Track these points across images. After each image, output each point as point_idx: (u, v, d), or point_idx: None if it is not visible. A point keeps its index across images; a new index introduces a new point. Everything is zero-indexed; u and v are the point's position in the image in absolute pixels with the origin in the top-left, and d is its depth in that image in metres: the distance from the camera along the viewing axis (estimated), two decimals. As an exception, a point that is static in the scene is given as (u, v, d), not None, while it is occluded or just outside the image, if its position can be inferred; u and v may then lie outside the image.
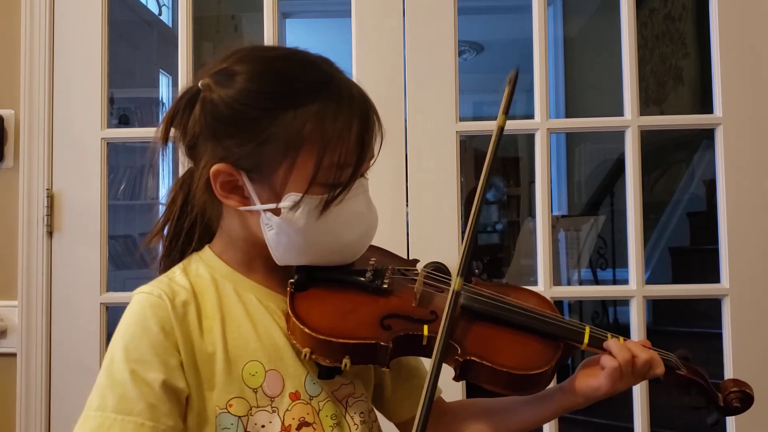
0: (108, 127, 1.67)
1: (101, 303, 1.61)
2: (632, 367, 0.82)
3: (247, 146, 0.76)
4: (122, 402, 0.72)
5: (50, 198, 1.62)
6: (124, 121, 3.09)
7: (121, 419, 0.71)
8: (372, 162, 0.83)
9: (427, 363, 0.78)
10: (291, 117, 0.75)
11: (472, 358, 0.78)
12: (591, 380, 0.84)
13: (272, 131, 0.76)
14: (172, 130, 0.81)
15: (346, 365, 0.76)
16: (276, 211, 0.78)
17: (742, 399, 0.89)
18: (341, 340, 0.76)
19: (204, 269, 0.84)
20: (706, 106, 1.88)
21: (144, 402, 0.72)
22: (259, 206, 0.78)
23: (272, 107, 0.76)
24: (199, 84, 0.79)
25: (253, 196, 0.78)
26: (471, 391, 1.48)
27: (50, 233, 1.62)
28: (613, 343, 0.84)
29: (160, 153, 0.83)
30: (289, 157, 0.76)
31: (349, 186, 0.78)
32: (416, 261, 0.93)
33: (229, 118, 0.76)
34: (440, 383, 0.77)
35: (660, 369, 0.84)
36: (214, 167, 0.77)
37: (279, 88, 0.77)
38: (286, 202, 0.77)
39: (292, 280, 0.81)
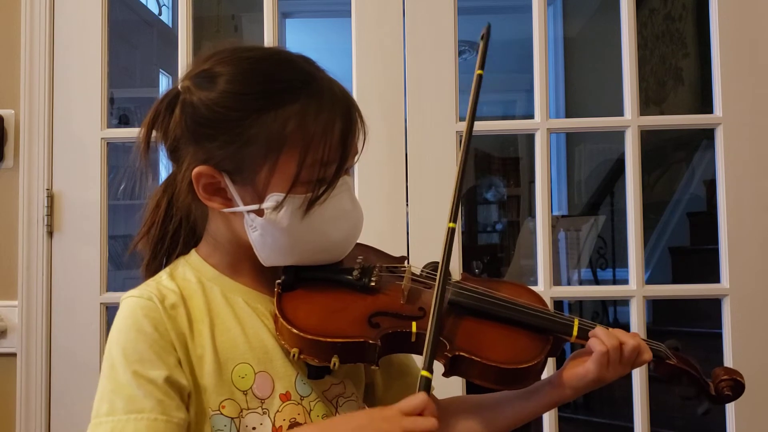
0: (108, 127, 1.67)
1: (101, 303, 1.61)
2: (620, 353, 0.82)
3: (229, 148, 0.76)
4: (131, 402, 0.72)
5: (50, 198, 1.62)
6: (124, 121, 3.08)
7: (134, 418, 0.71)
8: (356, 159, 0.83)
9: (417, 360, 0.78)
10: (272, 117, 0.75)
11: (461, 353, 0.79)
12: (578, 368, 0.84)
13: (253, 132, 0.75)
14: (155, 132, 0.81)
15: (334, 364, 0.75)
16: (259, 212, 0.78)
17: (734, 387, 0.89)
18: (329, 340, 0.76)
19: (191, 273, 0.84)
20: (706, 106, 1.88)
21: (153, 399, 0.72)
22: (242, 207, 0.78)
23: (253, 108, 0.76)
24: (179, 86, 0.79)
25: (235, 197, 0.78)
26: (470, 388, 1.48)
27: (50, 233, 1.62)
28: (600, 330, 0.84)
29: (146, 154, 0.82)
30: (271, 157, 0.76)
31: (333, 184, 0.78)
32: (404, 258, 0.93)
33: (209, 121, 0.76)
34: (433, 380, 0.77)
35: (647, 355, 0.85)
36: (196, 170, 0.77)
37: (259, 89, 0.77)
38: (268, 203, 0.77)
39: (279, 281, 0.81)
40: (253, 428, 0.78)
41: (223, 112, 0.76)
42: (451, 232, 0.79)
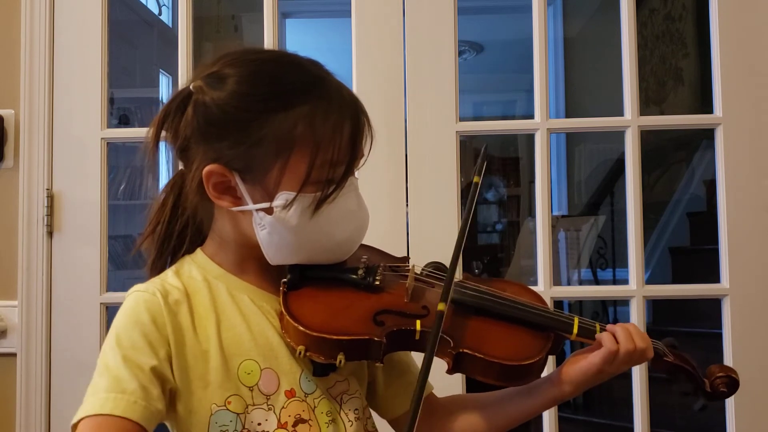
0: (108, 127, 1.67)
1: (101, 303, 1.61)
2: (630, 357, 0.84)
3: (240, 148, 0.77)
4: (115, 382, 0.73)
5: (50, 198, 1.62)
6: (124, 121, 3.08)
7: (114, 396, 0.72)
8: (363, 161, 0.84)
9: (419, 357, 0.79)
10: (282, 118, 0.77)
11: (465, 350, 0.80)
12: (581, 362, 0.85)
13: (264, 133, 0.77)
14: (163, 132, 0.82)
15: (340, 362, 0.77)
16: (269, 211, 0.79)
17: (728, 384, 0.90)
18: (335, 337, 0.77)
19: (196, 271, 0.85)
20: (706, 106, 1.88)
21: (137, 382, 0.73)
22: (251, 206, 0.79)
23: (263, 109, 0.77)
24: (191, 87, 0.80)
25: (245, 196, 0.79)
26: (470, 386, 1.49)
27: (50, 233, 1.62)
28: (620, 329, 0.85)
29: (155, 154, 0.83)
30: (282, 157, 0.77)
31: (342, 184, 0.79)
32: (407, 258, 0.94)
33: (221, 120, 0.77)
34: (435, 377, 0.78)
35: (650, 353, 0.87)
36: (207, 168, 0.78)
37: (269, 90, 0.78)
38: (278, 201, 0.78)
39: (284, 280, 0.82)
40: (259, 424, 0.79)
41: (234, 112, 0.77)
42: (440, 316, 0.77)
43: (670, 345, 0.91)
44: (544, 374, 0.87)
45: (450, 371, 0.81)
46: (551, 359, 1.35)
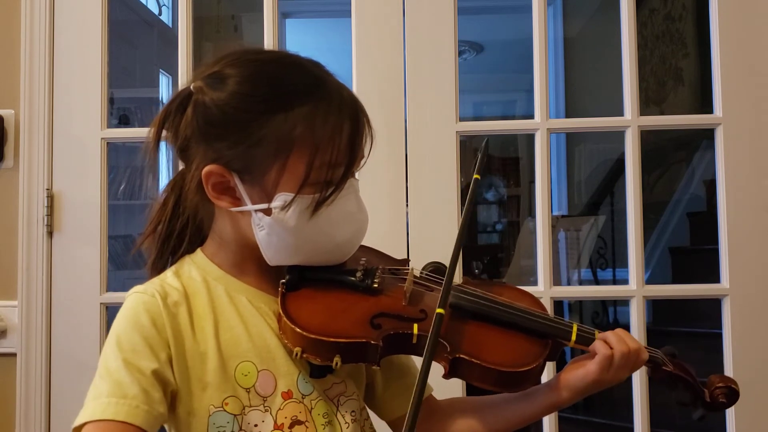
0: (108, 127, 1.67)
1: (101, 303, 1.61)
2: (625, 359, 0.84)
3: (239, 148, 0.77)
4: (116, 387, 0.73)
5: (50, 198, 1.62)
6: (124, 121, 3.08)
7: (116, 402, 0.72)
8: (363, 162, 0.84)
9: (417, 361, 0.79)
10: (282, 119, 0.76)
11: (462, 356, 0.79)
12: (578, 369, 0.85)
13: (264, 133, 0.77)
14: (164, 132, 0.82)
15: (336, 364, 0.77)
16: (267, 212, 0.79)
17: (728, 394, 0.90)
18: (332, 339, 0.77)
19: (196, 272, 0.85)
20: (706, 106, 1.88)
21: (138, 387, 0.73)
22: (250, 206, 0.79)
23: (263, 110, 0.77)
24: (191, 87, 0.80)
25: (244, 196, 0.79)
26: (470, 390, 1.49)
27: (50, 233, 1.62)
28: (611, 334, 0.86)
29: (155, 153, 0.83)
30: (281, 158, 0.77)
31: (341, 186, 0.79)
32: (407, 260, 0.94)
33: (220, 121, 0.77)
34: (433, 380, 0.77)
35: (645, 355, 0.87)
36: (206, 168, 0.78)
37: (269, 91, 0.78)
38: (277, 202, 0.78)
39: (283, 281, 0.82)
40: (255, 425, 0.79)
41: (233, 113, 0.77)
42: (438, 318, 0.78)
43: (670, 354, 0.91)
44: (543, 379, 0.87)
45: (446, 376, 0.80)
46: (550, 364, 1.35)
